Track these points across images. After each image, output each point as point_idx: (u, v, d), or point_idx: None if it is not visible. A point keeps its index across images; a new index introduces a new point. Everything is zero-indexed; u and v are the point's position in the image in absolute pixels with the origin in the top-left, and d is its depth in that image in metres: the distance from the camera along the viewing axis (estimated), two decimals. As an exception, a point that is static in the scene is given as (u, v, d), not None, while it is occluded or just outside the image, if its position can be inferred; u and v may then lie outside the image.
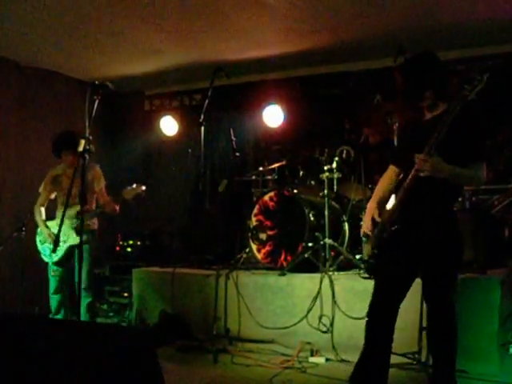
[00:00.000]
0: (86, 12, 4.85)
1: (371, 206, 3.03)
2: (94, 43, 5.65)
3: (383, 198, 3.04)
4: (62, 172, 4.71)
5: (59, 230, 3.66)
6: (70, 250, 4.55)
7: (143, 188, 4.43)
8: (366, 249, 3.00)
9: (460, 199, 4.77)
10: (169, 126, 6.78)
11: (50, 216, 4.80)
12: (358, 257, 4.73)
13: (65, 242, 4.53)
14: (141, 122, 7.37)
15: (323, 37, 5.48)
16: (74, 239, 4.49)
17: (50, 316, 4.68)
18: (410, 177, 2.76)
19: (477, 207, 4.94)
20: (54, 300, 4.73)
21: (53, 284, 4.70)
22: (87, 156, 3.33)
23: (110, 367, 2.02)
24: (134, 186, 4.42)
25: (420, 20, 5.02)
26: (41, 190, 4.77)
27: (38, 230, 4.74)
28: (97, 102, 3.36)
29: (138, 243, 6.46)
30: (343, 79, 6.14)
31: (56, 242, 3.88)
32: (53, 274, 4.68)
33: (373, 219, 2.98)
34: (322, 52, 5.86)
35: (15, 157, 6.09)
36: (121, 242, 6.61)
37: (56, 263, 4.64)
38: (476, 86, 2.60)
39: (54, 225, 4.64)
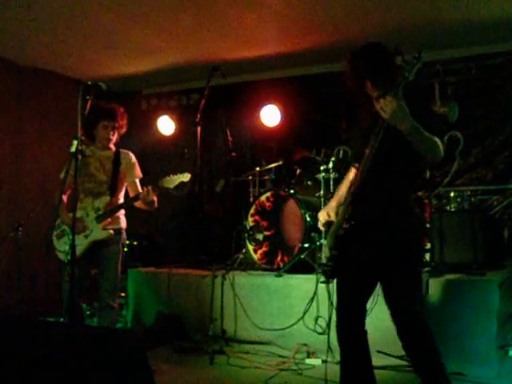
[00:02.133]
0: (83, 12, 4.83)
1: (331, 204, 2.92)
2: (92, 43, 5.62)
3: (343, 196, 2.87)
4: (91, 154, 3.97)
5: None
6: (93, 247, 3.81)
7: (188, 175, 3.81)
8: (324, 251, 2.82)
9: (458, 199, 4.74)
10: (166, 125, 6.76)
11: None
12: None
13: (86, 236, 3.81)
14: (138, 121, 7.31)
15: (320, 36, 5.46)
16: (99, 233, 3.82)
17: None
18: (363, 160, 2.63)
19: (476, 208, 4.91)
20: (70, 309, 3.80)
21: (63, 288, 3.84)
22: (80, 157, 3.26)
23: (99, 370, 2.00)
24: (178, 173, 3.80)
25: (418, 19, 5.00)
26: (62, 175, 3.87)
27: (56, 223, 3.92)
28: (89, 101, 3.31)
29: (135, 243, 6.43)
30: (340, 79, 6.08)
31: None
32: (67, 279, 3.71)
33: (330, 220, 2.85)
34: (318, 51, 5.83)
35: (12, 156, 6.06)
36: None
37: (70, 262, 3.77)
38: (414, 64, 2.53)
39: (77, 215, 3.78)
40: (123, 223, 4.06)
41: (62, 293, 3.90)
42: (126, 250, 5.69)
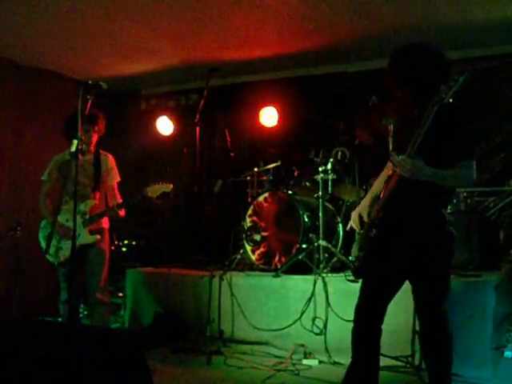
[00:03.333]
0: (84, 12, 4.84)
1: (364, 203, 2.98)
2: (92, 43, 5.63)
3: (377, 196, 2.94)
4: (70, 158, 3.98)
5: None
6: (80, 249, 3.88)
7: (170, 186, 4.02)
8: (354, 250, 2.94)
9: (454, 201, 4.76)
10: (165, 125, 6.76)
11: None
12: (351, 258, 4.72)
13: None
14: (137, 121, 7.35)
15: (319, 37, 5.48)
16: (85, 238, 3.96)
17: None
18: (393, 177, 2.70)
19: (472, 209, 4.93)
20: (63, 309, 4.09)
21: (64, 290, 4.06)
22: (80, 156, 3.29)
23: (97, 370, 2.00)
24: (160, 183, 4.00)
25: (417, 21, 5.02)
26: (44, 177, 4.18)
27: (42, 224, 4.15)
28: (90, 101, 3.33)
29: (133, 243, 6.44)
30: (339, 80, 6.13)
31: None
32: (62, 278, 4.05)
33: (362, 219, 2.93)
34: (318, 52, 5.85)
35: (12, 156, 6.07)
36: (116, 242, 6.59)
37: (61, 264, 4.02)
38: (451, 87, 2.57)
39: (62, 219, 4.01)
40: (105, 224, 4.17)
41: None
42: (124, 249, 5.76)
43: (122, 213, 4.05)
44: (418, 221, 2.73)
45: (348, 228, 3.05)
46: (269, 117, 6.17)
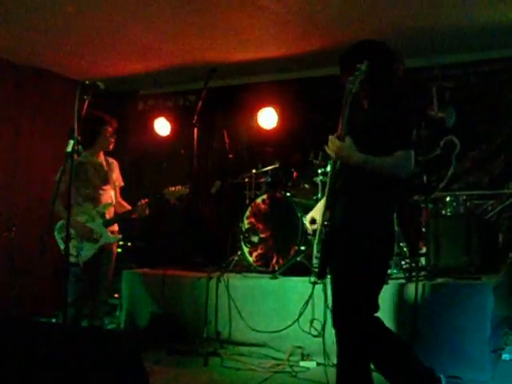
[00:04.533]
0: (81, 12, 4.82)
1: (317, 206, 2.99)
2: (89, 43, 5.62)
3: None
4: (85, 160, 4.12)
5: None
6: (100, 250, 4.04)
7: (187, 190, 4.20)
8: (314, 254, 2.83)
9: (454, 204, 4.75)
10: (162, 126, 6.75)
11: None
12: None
13: (97, 241, 4.02)
14: (135, 121, 7.33)
15: (318, 39, 5.48)
16: (109, 238, 4.08)
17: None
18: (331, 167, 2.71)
19: (471, 212, 4.93)
20: (72, 311, 3.94)
21: (73, 291, 3.86)
22: (76, 157, 3.27)
23: (94, 371, 1.99)
24: (179, 186, 4.17)
25: (417, 23, 5.02)
26: (57, 177, 3.80)
27: (58, 225, 4.09)
28: (87, 101, 3.32)
29: (129, 244, 6.41)
30: (338, 82, 6.10)
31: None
32: (75, 280, 3.91)
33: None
34: (316, 54, 5.84)
35: (8, 156, 6.04)
36: (112, 243, 6.56)
37: (84, 264, 4.00)
38: (357, 76, 2.61)
39: (83, 220, 4.06)
40: (116, 226, 4.30)
41: (66, 294, 3.72)
42: (119, 250, 5.75)
43: (147, 212, 4.18)
44: (343, 218, 2.69)
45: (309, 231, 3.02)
46: (267, 118, 6.16)
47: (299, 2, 4.67)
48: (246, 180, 5.74)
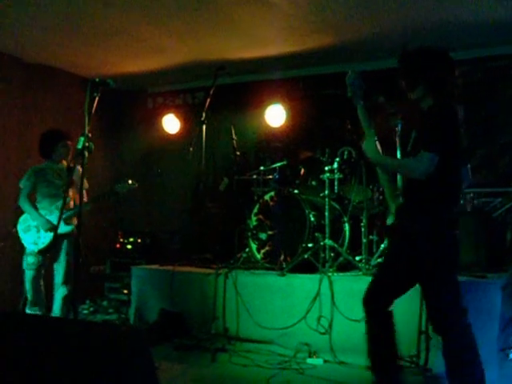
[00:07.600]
0: (90, 9, 4.85)
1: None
2: (98, 40, 5.65)
3: None
4: (45, 167, 4.72)
5: (59, 220, 3.61)
6: (56, 239, 4.50)
7: (136, 184, 4.59)
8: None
9: (461, 201, 4.74)
10: (171, 123, 6.78)
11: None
12: (357, 258, 4.71)
13: (53, 230, 4.51)
14: (143, 119, 7.37)
15: (326, 36, 5.47)
16: (63, 227, 4.47)
17: (27, 310, 4.57)
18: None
19: (478, 210, 4.90)
20: (30, 293, 4.59)
21: (30, 276, 4.56)
22: (86, 154, 3.30)
23: (103, 367, 2.01)
24: (130, 181, 4.53)
25: (423, 20, 5.01)
26: (23, 183, 4.73)
27: (21, 219, 4.70)
28: (97, 99, 3.34)
29: (139, 241, 6.46)
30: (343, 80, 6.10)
31: (55, 230, 3.95)
32: (30, 267, 4.56)
33: None
34: (324, 52, 5.84)
35: (17, 152, 6.08)
36: (121, 240, 6.62)
37: (40, 251, 4.54)
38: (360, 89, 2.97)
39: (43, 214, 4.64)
40: (75, 221, 4.65)
41: (26, 281, 4.55)
42: (129, 247, 5.86)
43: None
44: (411, 218, 2.82)
45: None
46: (275, 116, 6.16)
47: (307, -1, 4.67)
48: (254, 177, 5.75)
